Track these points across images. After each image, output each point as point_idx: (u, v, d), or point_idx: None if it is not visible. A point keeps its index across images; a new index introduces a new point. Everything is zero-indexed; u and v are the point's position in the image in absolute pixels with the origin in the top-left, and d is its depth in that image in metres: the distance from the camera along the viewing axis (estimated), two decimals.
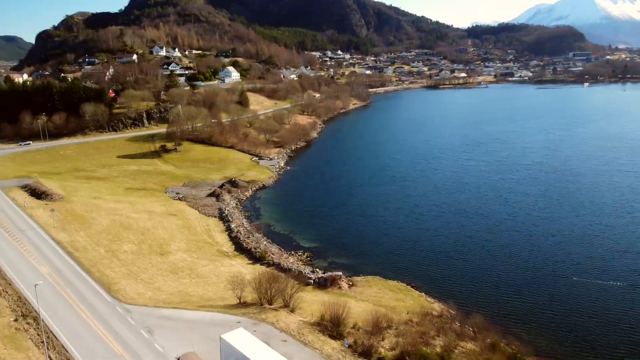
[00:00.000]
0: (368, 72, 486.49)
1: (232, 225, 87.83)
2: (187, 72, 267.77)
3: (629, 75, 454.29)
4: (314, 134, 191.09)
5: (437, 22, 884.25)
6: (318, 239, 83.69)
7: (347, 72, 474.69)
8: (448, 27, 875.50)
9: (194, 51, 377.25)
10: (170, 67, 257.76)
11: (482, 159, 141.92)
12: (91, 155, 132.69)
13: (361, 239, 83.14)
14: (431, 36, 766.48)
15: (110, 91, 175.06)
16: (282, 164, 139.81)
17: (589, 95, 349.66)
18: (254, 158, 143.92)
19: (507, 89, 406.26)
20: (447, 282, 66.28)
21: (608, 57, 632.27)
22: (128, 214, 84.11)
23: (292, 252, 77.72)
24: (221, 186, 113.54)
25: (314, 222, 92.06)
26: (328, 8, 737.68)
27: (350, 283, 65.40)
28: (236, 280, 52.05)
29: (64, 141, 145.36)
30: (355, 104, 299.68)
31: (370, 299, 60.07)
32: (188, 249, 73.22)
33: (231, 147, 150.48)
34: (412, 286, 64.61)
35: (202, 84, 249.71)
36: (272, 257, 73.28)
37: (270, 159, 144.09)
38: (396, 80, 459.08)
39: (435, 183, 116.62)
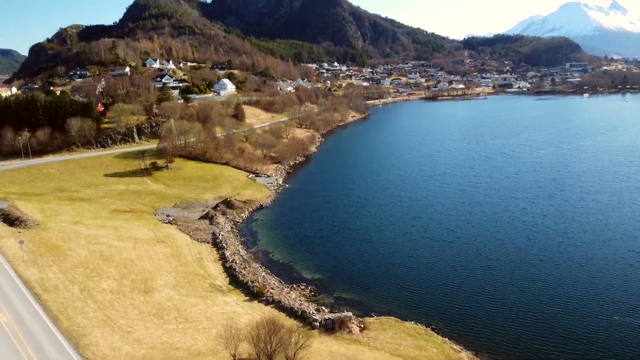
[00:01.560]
0: (365, 83, 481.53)
1: (227, 253, 79.36)
2: (181, 84, 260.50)
3: (628, 86, 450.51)
4: (313, 149, 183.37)
5: (432, 34, 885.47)
6: (321, 268, 75.31)
7: (344, 84, 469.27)
8: (443, 38, 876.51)
9: (189, 63, 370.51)
10: (163, 80, 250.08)
11: (491, 175, 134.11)
12: (76, 174, 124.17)
13: (369, 269, 74.74)
14: (427, 48, 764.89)
15: (99, 105, 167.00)
16: (280, 182, 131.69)
17: (590, 106, 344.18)
18: (251, 175, 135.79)
19: (506, 100, 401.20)
20: (472, 323, 57.83)
21: (605, 67, 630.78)
22: (110, 243, 75.57)
23: (294, 286, 69.25)
24: (215, 207, 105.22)
25: (315, 248, 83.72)
26: (324, 20, 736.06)
27: (362, 326, 56.90)
28: (229, 334, 43.56)
29: (48, 158, 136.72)
30: (354, 116, 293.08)
31: (386, 346, 51.67)
32: (176, 284, 64.69)
33: (226, 163, 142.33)
34: (432, 329, 56.18)
35: (197, 96, 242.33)
36: (271, 293, 64.82)
37: (268, 176, 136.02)
38: (394, 92, 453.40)
39: (444, 203, 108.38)
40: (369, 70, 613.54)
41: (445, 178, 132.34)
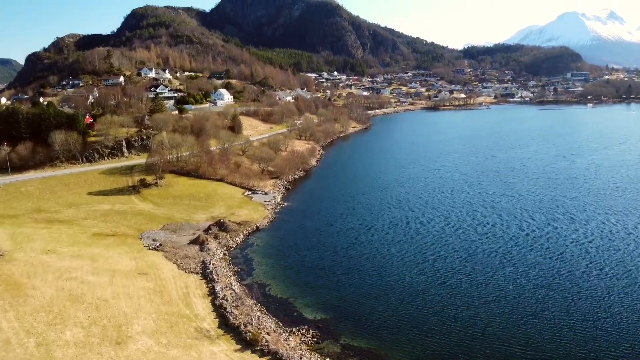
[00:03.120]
0: (365, 93, 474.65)
1: (218, 288, 70.06)
2: (176, 94, 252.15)
3: (633, 96, 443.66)
4: (313, 162, 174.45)
5: (432, 43, 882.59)
6: (324, 306, 65.98)
7: (344, 94, 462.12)
8: (443, 48, 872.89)
9: (186, 73, 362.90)
10: (157, 90, 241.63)
11: (504, 192, 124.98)
12: (57, 192, 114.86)
13: (377, 307, 65.30)
14: (427, 57, 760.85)
15: (87, 117, 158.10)
16: (278, 199, 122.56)
17: (596, 116, 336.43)
18: (247, 192, 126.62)
19: (509, 110, 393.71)
20: None
21: (607, 77, 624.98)
22: (84, 277, 66.29)
23: (293, 330, 59.89)
24: (207, 230, 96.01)
25: (316, 281, 74.31)
26: (323, 29, 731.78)
27: None
28: None
29: (29, 175, 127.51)
30: (355, 127, 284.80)
31: None
32: (156, 330, 55.40)
33: (221, 179, 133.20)
34: None
35: (192, 107, 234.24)
36: (266, 341, 55.48)
37: (265, 193, 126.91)
38: (395, 102, 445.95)
39: (456, 226, 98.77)
40: (369, 79, 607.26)
41: (455, 196, 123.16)
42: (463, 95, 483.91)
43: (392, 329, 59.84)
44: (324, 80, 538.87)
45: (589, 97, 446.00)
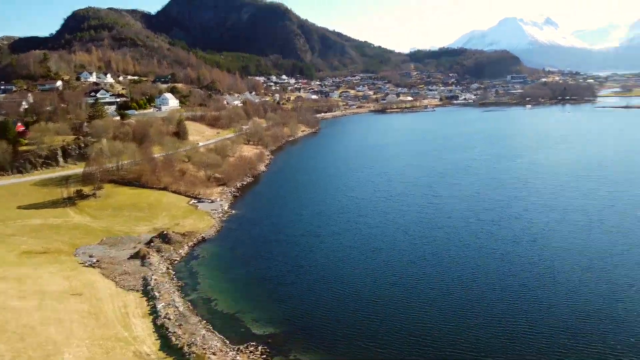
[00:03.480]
0: (314, 96, 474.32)
1: (159, 306, 66.13)
2: (118, 99, 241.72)
3: (567, 97, 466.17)
4: (262, 167, 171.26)
5: (379, 47, 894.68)
6: (274, 320, 63.47)
7: (292, 97, 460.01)
8: (390, 51, 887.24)
9: (129, 77, 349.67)
10: (98, 95, 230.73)
11: (451, 194, 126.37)
12: None
13: (329, 318, 63.48)
14: (374, 61, 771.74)
15: (19, 124, 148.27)
16: (225, 207, 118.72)
17: (535, 117, 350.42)
18: (192, 201, 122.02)
19: (454, 112, 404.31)
20: None
21: (543, 79, 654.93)
22: (7, 302, 60.72)
23: (241, 348, 56.93)
24: (149, 243, 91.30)
25: (265, 294, 71.66)
26: (272, 33, 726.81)
27: None
28: None
29: None
30: (304, 130, 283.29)
31: None
32: (90, 358, 51.17)
33: (164, 188, 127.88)
34: None
35: (136, 112, 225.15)
36: None
37: (212, 201, 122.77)
38: (343, 105, 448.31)
39: (405, 229, 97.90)
40: (318, 83, 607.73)
41: (404, 199, 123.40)
42: (410, 98, 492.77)
43: (344, 340, 58.14)
44: (272, 83, 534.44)
45: (528, 98, 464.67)
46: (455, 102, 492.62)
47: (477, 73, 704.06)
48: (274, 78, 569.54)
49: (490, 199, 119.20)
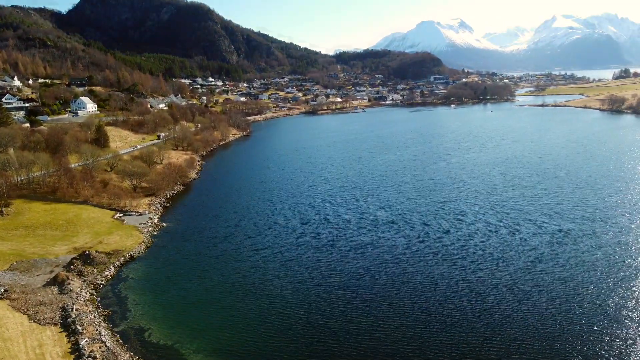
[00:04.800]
0: (243, 99, 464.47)
1: (82, 342, 57.25)
2: (27, 104, 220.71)
3: (488, 97, 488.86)
4: (193, 174, 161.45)
5: (305, 49, 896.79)
6: (217, 350, 56.83)
7: (221, 100, 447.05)
8: (316, 53, 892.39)
9: (40, 80, 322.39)
10: (3, 99, 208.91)
11: (391, 197, 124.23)
12: None
13: (279, 343, 57.69)
14: (302, 62, 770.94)
15: None
16: (155, 220, 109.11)
17: (460, 116, 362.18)
18: (117, 215, 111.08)
19: (383, 113, 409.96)
20: None
21: (464, 80, 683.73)
22: None
23: None
24: (68, 265, 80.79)
25: (206, 319, 64.38)
26: (195, 34, 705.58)
27: None
28: None
29: None
30: (235, 134, 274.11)
31: None
32: None
33: (85, 201, 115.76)
34: None
35: (48, 118, 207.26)
36: None
37: (140, 214, 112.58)
38: (274, 107, 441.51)
39: (350, 238, 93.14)
40: (246, 85, 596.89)
41: (345, 204, 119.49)
42: (339, 99, 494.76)
43: None
44: (199, 86, 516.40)
45: (452, 98, 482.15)
46: (383, 102, 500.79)
47: (402, 74, 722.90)
48: (200, 80, 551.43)
49: (432, 201, 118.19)
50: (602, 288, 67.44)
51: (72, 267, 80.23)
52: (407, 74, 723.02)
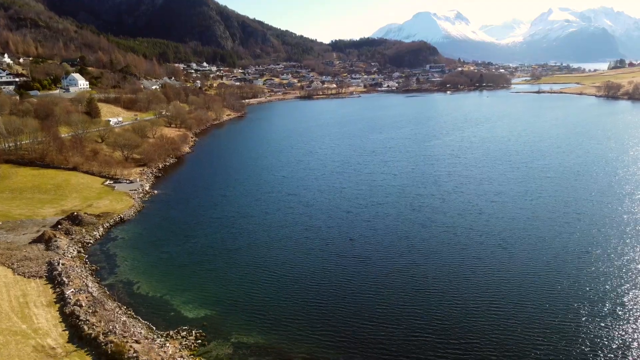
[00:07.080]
0: (237, 84, 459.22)
1: (68, 292, 55.18)
2: (17, 79, 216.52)
3: (484, 84, 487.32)
4: (186, 149, 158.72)
5: (301, 36, 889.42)
6: (208, 301, 55.06)
7: (215, 84, 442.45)
8: (312, 41, 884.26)
9: (31, 59, 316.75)
10: None
11: (385, 171, 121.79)
12: None
13: (270, 300, 55.61)
14: (297, 49, 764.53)
15: None
16: (146, 188, 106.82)
17: (456, 101, 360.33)
18: (108, 182, 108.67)
19: (379, 98, 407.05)
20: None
21: (460, 69, 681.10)
22: None
23: (171, 334, 48.09)
24: (56, 225, 78.47)
25: (195, 275, 62.56)
26: (190, 19, 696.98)
27: None
28: None
29: None
30: (229, 115, 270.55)
31: None
32: None
33: (74, 168, 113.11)
34: None
35: (39, 93, 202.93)
36: (135, 352, 43.02)
37: (131, 182, 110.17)
38: (269, 92, 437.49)
39: (341, 206, 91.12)
40: (240, 71, 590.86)
41: (336, 177, 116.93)
42: (334, 86, 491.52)
43: (287, 321, 51.03)
44: (193, 71, 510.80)
45: (448, 85, 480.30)
46: (379, 89, 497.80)
47: (398, 62, 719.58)
48: (194, 65, 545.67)
49: (426, 174, 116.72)
50: (604, 252, 66.09)
51: (59, 226, 77.99)
52: (403, 63, 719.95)
